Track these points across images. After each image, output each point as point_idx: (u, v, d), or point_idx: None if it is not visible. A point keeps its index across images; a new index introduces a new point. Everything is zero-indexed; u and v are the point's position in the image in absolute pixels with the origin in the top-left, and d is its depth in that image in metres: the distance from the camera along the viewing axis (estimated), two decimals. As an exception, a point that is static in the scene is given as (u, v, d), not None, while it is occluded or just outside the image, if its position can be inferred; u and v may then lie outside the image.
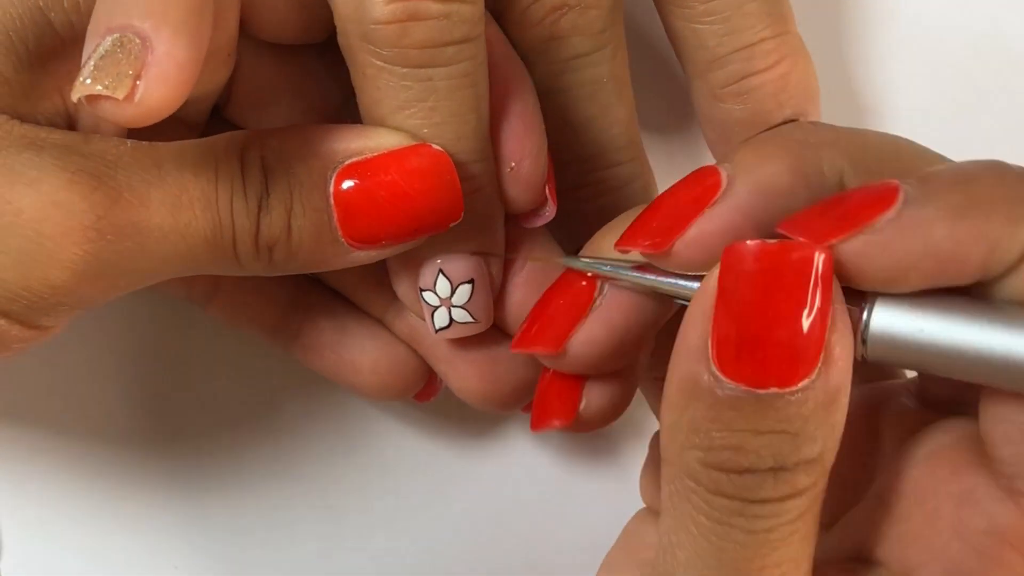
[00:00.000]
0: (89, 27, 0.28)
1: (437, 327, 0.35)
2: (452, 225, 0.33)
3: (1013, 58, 0.43)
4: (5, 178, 0.29)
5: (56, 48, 0.31)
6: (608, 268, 0.32)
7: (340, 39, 0.32)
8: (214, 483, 0.42)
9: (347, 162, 0.32)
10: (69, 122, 0.33)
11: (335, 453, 0.42)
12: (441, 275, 0.35)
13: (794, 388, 0.26)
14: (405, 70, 0.31)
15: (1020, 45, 0.43)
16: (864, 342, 0.27)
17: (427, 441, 0.43)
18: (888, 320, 0.27)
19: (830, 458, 0.27)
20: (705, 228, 0.29)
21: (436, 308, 0.35)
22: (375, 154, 0.32)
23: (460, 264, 0.35)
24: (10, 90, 0.31)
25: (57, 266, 0.29)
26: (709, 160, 0.41)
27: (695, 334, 0.27)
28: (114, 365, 0.42)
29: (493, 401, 0.38)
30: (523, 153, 0.35)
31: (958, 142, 0.42)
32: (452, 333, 0.36)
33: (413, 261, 0.34)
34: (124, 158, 0.31)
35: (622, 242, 0.31)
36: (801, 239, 0.27)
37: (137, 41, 0.27)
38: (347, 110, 0.35)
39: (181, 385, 0.42)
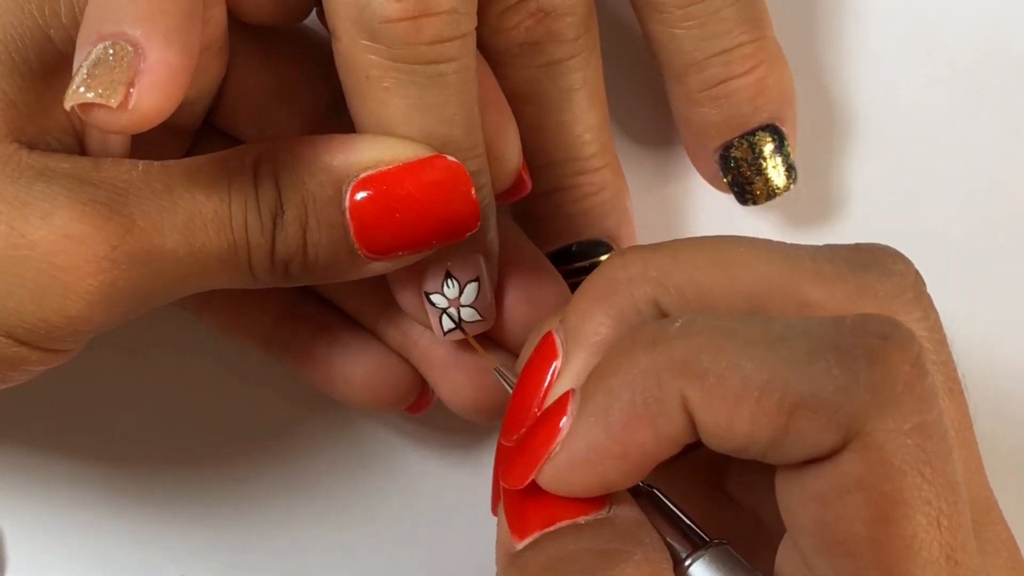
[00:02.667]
0: (80, 34, 0.28)
1: (445, 329, 0.35)
2: (469, 235, 0.32)
3: (1013, 58, 0.43)
4: (18, 212, 0.29)
5: (58, 64, 0.31)
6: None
7: (337, 42, 0.32)
8: (220, 490, 0.42)
9: (362, 175, 0.31)
10: (77, 137, 0.33)
11: (341, 460, 0.42)
12: (449, 276, 0.34)
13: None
14: (415, 67, 0.31)
15: (1020, 45, 0.43)
16: None
17: (434, 446, 0.43)
18: None
19: None
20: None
21: (444, 310, 0.35)
22: (390, 166, 0.32)
23: (466, 263, 0.34)
24: (16, 112, 0.31)
25: (73, 297, 0.30)
26: (685, 165, 0.41)
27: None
28: (119, 373, 0.41)
29: (484, 410, 0.37)
30: (505, 142, 0.35)
31: (958, 142, 0.43)
32: (460, 334, 0.35)
33: (417, 267, 0.34)
34: (135, 183, 0.30)
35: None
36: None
37: (129, 48, 0.27)
38: (336, 114, 0.35)
39: (187, 392, 0.42)
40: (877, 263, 0.29)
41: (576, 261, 0.39)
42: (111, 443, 0.41)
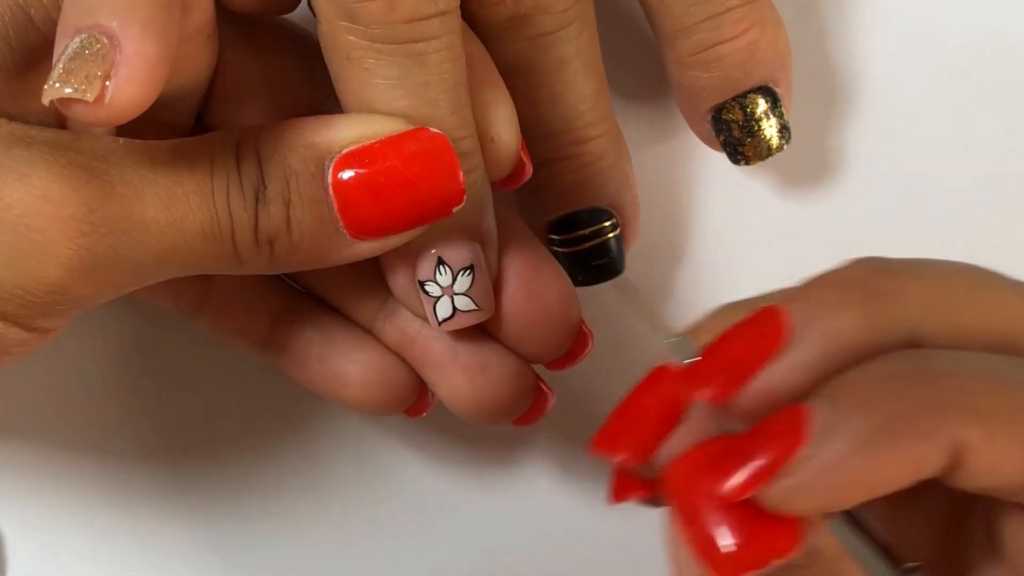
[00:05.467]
0: (58, 27, 0.28)
1: (440, 318, 0.35)
2: (455, 210, 0.32)
3: (1013, 58, 0.43)
4: None
5: (40, 45, 0.31)
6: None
7: (320, 27, 0.32)
8: (221, 492, 0.42)
9: (344, 151, 0.31)
10: (60, 121, 0.33)
11: (343, 465, 0.42)
12: (440, 264, 0.34)
13: None
14: (394, 46, 0.31)
15: (1020, 45, 0.43)
16: None
17: (437, 451, 0.42)
18: None
19: None
20: (768, 384, 0.27)
21: (438, 299, 0.34)
22: (372, 141, 0.31)
23: (459, 250, 0.34)
24: None
25: (51, 261, 0.29)
26: (686, 134, 0.41)
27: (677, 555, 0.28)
28: (120, 375, 0.41)
29: (484, 411, 0.37)
30: (499, 122, 0.35)
31: (958, 142, 0.43)
32: (456, 323, 0.35)
33: (409, 254, 0.34)
34: (116, 153, 0.30)
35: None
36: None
37: (105, 40, 0.27)
38: (327, 110, 0.35)
39: (187, 395, 0.42)
40: None
41: (577, 230, 0.40)
42: (112, 445, 0.41)
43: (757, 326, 0.28)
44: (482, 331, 0.37)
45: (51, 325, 0.31)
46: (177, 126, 0.35)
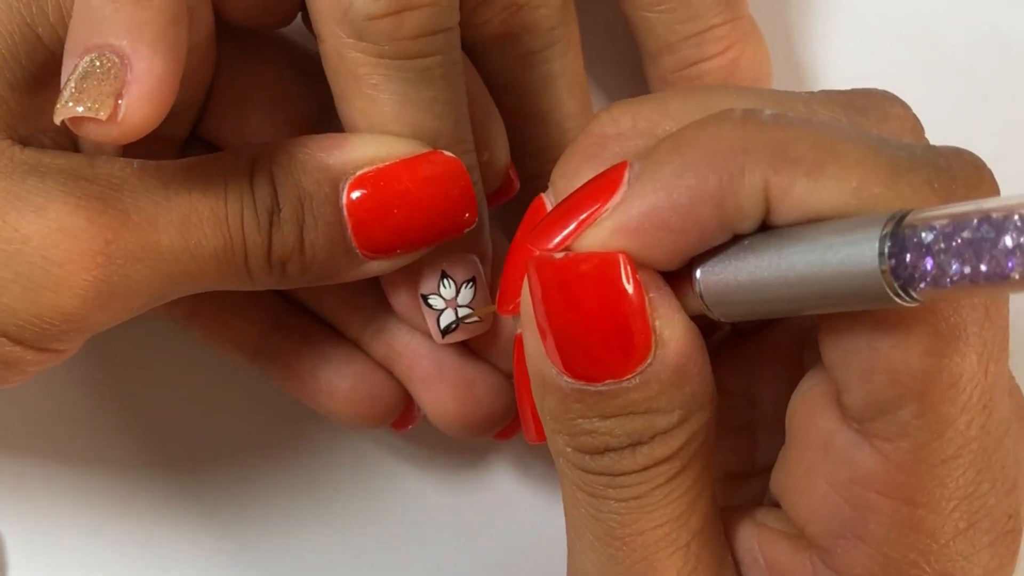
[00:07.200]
0: (66, 46, 0.29)
1: (444, 331, 0.35)
2: (467, 231, 0.32)
3: (1013, 57, 0.44)
4: (11, 206, 0.29)
5: (48, 63, 0.31)
6: None
7: (323, 45, 0.32)
8: (221, 496, 0.42)
9: (359, 173, 0.31)
10: (71, 136, 0.33)
11: (341, 468, 0.42)
12: (444, 276, 0.34)
13: (631, 375, 0.27)
14: (401, 62, 0.31)
15: (1020, 44, 0.44)
16: (708, 307, 0.27)
17: (422, 464, 0.43)
18: (714, 279, 0.27)
19: (699, 419, 0.28)
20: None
21: (442, 311, 0.35)
22: (387, 163, 0.32)
23: (462, 263, 0.34)
24: (8, 109, 0.31)
25: (68, 293, 0.29)
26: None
27: (532, 338, 0.28)
28: (121, 378, 0.41)
29: (468, 424, 0.37)
30: (491, 139, 0.35)
31: (957, 142, 0.43)
32: (458, 335, 0.35)
33: (411, 268, 0.34)
34: (130, 180, 0.30)
35: (531, 241, 0.29)
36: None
37: (116, 60, 0.28)
38: (323, 121, 0.35)
39: (187, 399, 0.42)
40: (874, 107, 0.29)
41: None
42: (112, 448, 0.41)
43: (529, 222, 0.30)
44: (467, 348, 0.37)
45: (65, 347, 0.31)
46: (172, 138, 0.35)
